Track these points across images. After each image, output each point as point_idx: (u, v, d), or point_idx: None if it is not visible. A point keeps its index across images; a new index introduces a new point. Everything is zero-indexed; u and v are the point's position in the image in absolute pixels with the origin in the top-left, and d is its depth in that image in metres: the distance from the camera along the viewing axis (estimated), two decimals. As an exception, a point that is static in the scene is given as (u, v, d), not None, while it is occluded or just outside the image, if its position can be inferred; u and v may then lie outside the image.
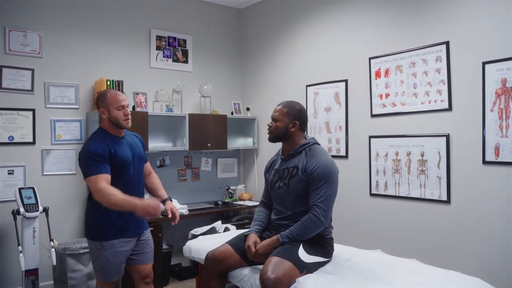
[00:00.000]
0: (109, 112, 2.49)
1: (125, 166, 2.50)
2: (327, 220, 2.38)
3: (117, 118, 2.49)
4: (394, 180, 3.56)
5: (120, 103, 2.50)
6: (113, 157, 2.44)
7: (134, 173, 2.57)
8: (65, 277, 3.49)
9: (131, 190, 2.48)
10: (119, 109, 2.49)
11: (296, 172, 2.43)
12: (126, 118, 2.51)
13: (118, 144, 2.51)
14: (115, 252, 2.47)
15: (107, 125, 2.54)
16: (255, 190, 5.03)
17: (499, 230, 2.90)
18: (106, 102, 2.50)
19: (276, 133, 2.53)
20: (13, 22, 3.74)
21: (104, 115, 2.51)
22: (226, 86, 5.14)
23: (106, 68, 4.22)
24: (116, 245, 2.47)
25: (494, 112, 2.92)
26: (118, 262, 2.50)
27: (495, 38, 2.92)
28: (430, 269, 2.43)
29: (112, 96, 2.51)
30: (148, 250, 2.68)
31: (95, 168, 2.37)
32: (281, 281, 2.12)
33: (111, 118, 2.49)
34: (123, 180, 2.49)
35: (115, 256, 2.48)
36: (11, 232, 3.54)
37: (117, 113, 2.49)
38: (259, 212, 2.66)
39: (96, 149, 2.39)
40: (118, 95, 2.53)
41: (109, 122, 2.51)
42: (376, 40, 3.70)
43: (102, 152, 2.40)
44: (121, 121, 2.50)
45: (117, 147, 2.49)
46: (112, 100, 2.49)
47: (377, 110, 3.69)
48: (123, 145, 2.54)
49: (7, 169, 3.70)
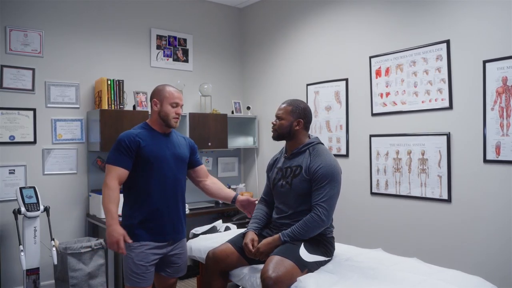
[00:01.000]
0: (161, 105, 2.43)
1: (157, 163, 2.39)
2: (329, 220, 2.38)
3: (168, 114, 2.43)
4: (395, 179, 3.56)
5: (175, 99, 2.45)
6: (141, 151, 2.35)
7: (169, 174, 2.44)
8: (66, 277, 3.49)
9: (165, 192, 2.42)
10: (172, 106, 2.44)
11: (299, 171, 2.43)
12: (176, 117, 2.45)
13: (154, 139, 2.42)
14: (142, 254, 2.34)
15: (154, 119, 2.48)
16: (255, 189, 5.03)
17: (500, 229, 2.90)
18: (162, 95, 2.45)
19: (280, 131, 2.52)
20: (13, 21, 3.75)
21: (156, 106, 2.45)
22: (226, 85, 5.14)
23: (106, 67, 4.23)
24: (144, 246, 2.35)
25: (495, 110, 2.92)
26: (145, 266, 2.35)
27: (496, 37, 2.92)
28: (431, 268, 2.42)
29: (170, 91, 2.47)
30: (182, 264, 2.59)
31: (116, 158, 2.32)
32: (282, 280, 2.12)
33: (162, 112, 2.43)
34: (156, 179, 2.39)
35: (141, 258, 2.34)
36: (12, 231, 3.55)
37: (169, 109, 2.43)
38: (258, 210, 2.66)
39: (125, 139, 2.34)
40: (176, 92, 2.49)
41: (158, 116, 2.45)
42: (376, 39, 3.70)
43: (129, 143, 2.33)
44: (171, 118, 2.44)
45: (151, 142, 2.40)
46: (169, 94, 2.45)
47: (377, 109, 3.69)
48: (161, 141, 2.45)
49: (8, 169, 3.71)
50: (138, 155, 2.35)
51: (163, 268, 2.51)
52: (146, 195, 2.39)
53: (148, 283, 2.39)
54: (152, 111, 2.49)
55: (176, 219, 2.50)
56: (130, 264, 2.34)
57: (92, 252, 3.58)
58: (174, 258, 2.53)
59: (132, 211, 2.40)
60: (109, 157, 2.36)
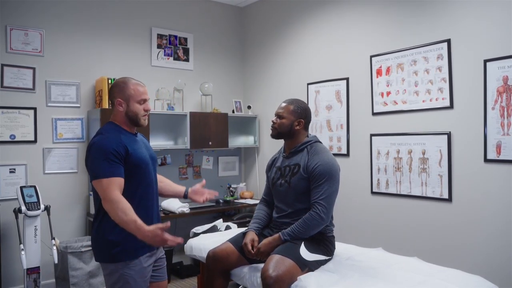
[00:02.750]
0: (128, 105, 2.13)
1: (144, 168, 2.14)
2: (328, 217, 2.38)
3: (137, 113, 2.14)
4: (395, 178, 3.56)
5: (142, 96, 2.16)
6: (130, 157, 2.06)
7: (153, 177, 2.22)
8: (66, 275, 3.50)
9: (151, 196, 2.18)
10: (140, 103, 2.15)
11: (297, 170, 2.44)
12: (145, 114, 2.19)
13: (133, 142, 2.15)
14: (142, 270, 2.08)
15: (120, 119, 2.16)
16: (256, 189, 5.03)
17: (501, 228, 2.90)
18: (126, 93, 2.13)
19: (280, 130, 2.52)
20: (14, 20, 3.74)
21: (121, 107, 2.13)
22: (227, 84, 5.14)
23: (107, 66, 4.23)
24: (142, 262, 2.08)
25: (496, 110, 2.92)
26: (145, 281, 2.12)
27: (497, 36, 2.92)
28: (431, 267, 2.43)
29: (134, 87, 2.14)
30: (165, 265, 2.35)
31: (108, 169, 1.97)
32: (283, 279, 2.12)
33: (129, 112, 2.14)
34: (144, 186, 2.14)
35: (142, 275, 2.08)
36: (13, 230, 3.56)
37: (137, 107, 2.14)
38: (259, 210, 2.66)
39: (111, 146, 2.00)
40: (140, 86, 2.18)
41: (125, 116, 2.15)
42: (377, 38, 3.69)
43: (118, 150, 2.01)
44: (140, 117, 2.16)
45: (134, 146, 2.12)
46: (134, 91, 2.13)
47: (378, 108, 3.69)
48: (138, 143, 2.19)
49: (8, 168, 3.71)
50: (127, 162, 2.06)
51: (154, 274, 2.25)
52: (138, 203, 2.07)
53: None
54: (116, 111, 2.16)
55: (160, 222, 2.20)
56: (130, 283, 2.05)
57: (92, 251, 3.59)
58: (160, 261, 2.29)
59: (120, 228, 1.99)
60: (97, 172, 1.99)
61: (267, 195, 2.71)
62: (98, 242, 2.10)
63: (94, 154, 2.02)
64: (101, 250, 2.10)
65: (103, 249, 2.08)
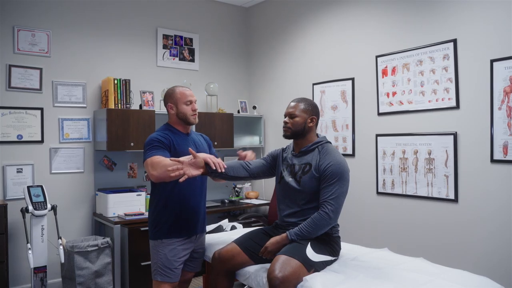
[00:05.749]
0: (177, 107, 2.54)
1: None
2: (337, 217, 2.37)
3: (185, 113, 2.53)
4: (401, 179, 3.55)
5: (188, 98, 2.54)
6: (174, 149, 2.45)
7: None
8: (73, 275, 3.52)
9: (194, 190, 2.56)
10: (187, 104, 2.53)
11: (308, 169, 2.43)
12: (193, 113, 2.56)
13: (181, 139, 2.53)
14: (175, 250, 2.51)
15: (173, 121, 2.59)
16: (261, 189, 5.04)
17: (507, 229, 2.88)
18: (175, 97, 2.55)
19: (294, 129, 2.49)
20: (21, 21, 3.77)
21: (172, 110, 2.56)
22: (232, 84, 5.15)
23: (113, 67, 4.25)
24: (176, 243, 2.51)
25: (502, 110, 2.91)
26: (177, 261, 2.52)
27: (503, 36, 2.90)
28: (437, 268, 2.42)
29: (180, 92, 2.56)
30: (201, 258, 2.78)
31: (151, 152, 2.35)
32: (289, 280, 2.12)
33: (179, 113, 2.54)
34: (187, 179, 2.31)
35: (174, 254, 2.51)
36: (20, 229, 3.59)
37: (185, 108, 2.53)
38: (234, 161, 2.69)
39: (156, 138, 2.43)
40: (186, 90, 2.58)
41: (177, 117, 2.55)
42: (383, 38, 3.69)
43: (162, 140, 2.42)
44: (189, 116, 2.54)
45: (180, 142, 2.51)
46: (180, 95, 2.54)
47: (384, 108, 3.68)
48: (187, 141, 2.56)
49: (16, 168, 3.74)
50: (171, 152, 2.43)
51: (185, 263, 2.64)
52: (177, 194, 2.51)
53: (177, 279, 2.55)
54: (170, 115, 2.60)
55: (203, 214, 2.69)
56: (163, 259, 2.49)
57: (98, 250, 3.61)
58: (197, 253, 2.70)
59: (164, 211, 2.51)
60: (145, 156, 2.38)
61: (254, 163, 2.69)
62: (148, 223, 2.61)
63: (144, 145, 2.45)
64: (148, 230, 2.59)
65: (149, 229, 2.57)
